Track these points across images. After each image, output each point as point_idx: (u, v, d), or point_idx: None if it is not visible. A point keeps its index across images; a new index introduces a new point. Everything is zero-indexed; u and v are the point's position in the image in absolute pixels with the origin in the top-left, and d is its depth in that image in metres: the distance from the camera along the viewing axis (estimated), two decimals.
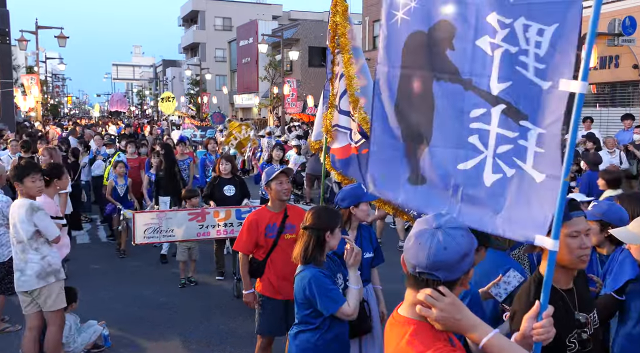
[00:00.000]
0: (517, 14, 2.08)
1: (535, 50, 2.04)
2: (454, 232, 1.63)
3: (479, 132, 2.27)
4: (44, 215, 4.39)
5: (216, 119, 19.79)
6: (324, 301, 2.96)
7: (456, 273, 1.64)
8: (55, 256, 4.49)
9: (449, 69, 2.33)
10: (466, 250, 1.63)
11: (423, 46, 2.43)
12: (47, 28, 25.65)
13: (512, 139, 2.16)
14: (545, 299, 1.92)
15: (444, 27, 2.34)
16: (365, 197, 3.85)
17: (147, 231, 6.26)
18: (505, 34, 2.13)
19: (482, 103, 2.24)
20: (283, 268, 4.15)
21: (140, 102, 78.56)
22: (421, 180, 2.51)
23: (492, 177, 2.23)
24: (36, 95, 23.55)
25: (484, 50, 2.22)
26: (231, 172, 7.28)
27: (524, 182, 2.13)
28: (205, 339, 5.50)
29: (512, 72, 2.13)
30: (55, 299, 4.44)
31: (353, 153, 4.68)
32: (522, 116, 2.12)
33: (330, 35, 4.62)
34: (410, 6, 2.45)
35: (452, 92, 2.34)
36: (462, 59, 2.29)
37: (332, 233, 3.09)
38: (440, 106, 2.39)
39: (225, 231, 6.49)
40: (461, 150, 2.34)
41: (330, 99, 4.71)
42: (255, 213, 4.39)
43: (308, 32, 37.48)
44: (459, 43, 2.29)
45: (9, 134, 14.35)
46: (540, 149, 2.08)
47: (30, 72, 32.59)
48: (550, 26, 1.98)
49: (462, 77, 2.29)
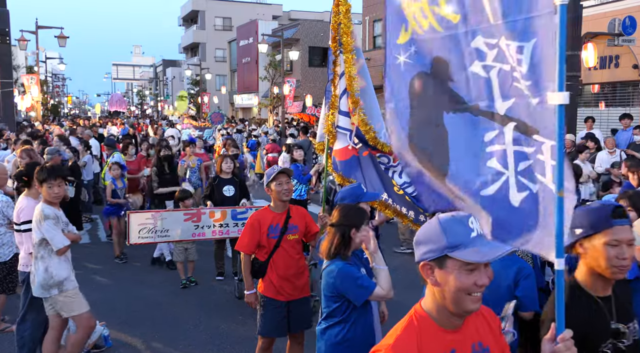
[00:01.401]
0: (499, 33, 2.10)
1: (519, 68, 2.04)
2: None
3: (496, 155, 2.25)
4: (52, 224, 4.23)
5: (215, 119, 19.78)
6: (354, 290, 3.03)
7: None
8: (61, 267, 4.31)
9: (455, 100, 2.36)
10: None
11: (427, 84, 2.48)
12: (47, 28, 25.67)
13: (531, 154, 2.13)
14: (561, 322, 1.82)
15: (440, 62, 2.39)
16: (364, 197, 3.85)
17: (142, 231, 6.22)
18: (495, 54, 2.15)
19: (493, 125, 2.24)
20: (285, 269, 4.15)
21: (141, 102, 78.58)
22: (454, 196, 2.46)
23: (518, 196, 2.17)
24: (35, 95, 23.55)
25: (479, 74, 2.24)
26: (232, 172, 7.23)
27: (548, 195, 2.06)
28: (205, 339, 5.50)
29: (512, 89, 2.13)
30: (65, 308, 4.35)
31: (353, 154, 4.67)
32: (533, 130, 2.09)
33: (332, 35, 4.62)
34: (411, 51, 2.52)
35: (464, 121, 2.35)
36: (464, 88, 2.32)
37: (358, 231, 3.16)
38: (453, 137, 2.39)
39: (221, 232, 6.46)
40: (482, 177, 2.29)
41: (332, 100, 4.71)
42: (258, 213, 4.38)
43: (308, 32, 37.47)
44: (456, 74, 2.33)
45: (10, 134, 14.33)
46: (554, 162, 2.02)
47: (30, 72, 32.61)
48: (529, 42, 1.98)
49: (469, 105, 2.31)
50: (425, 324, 1.70)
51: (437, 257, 1.66)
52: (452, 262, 1.64)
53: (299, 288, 4.23)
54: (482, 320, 1.82)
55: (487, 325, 1.84)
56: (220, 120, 19.76)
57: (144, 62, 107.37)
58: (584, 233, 2.14)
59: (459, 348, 1.70)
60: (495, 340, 1.84)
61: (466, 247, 1.64)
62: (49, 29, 25.79)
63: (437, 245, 1.66)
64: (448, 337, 1.70)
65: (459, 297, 1.64)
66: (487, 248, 1.66)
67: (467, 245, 1.64)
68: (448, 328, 1.71)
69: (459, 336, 1.71)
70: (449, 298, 1.66)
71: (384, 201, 4.57)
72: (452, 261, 1.64)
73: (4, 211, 5.40)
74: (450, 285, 1.65)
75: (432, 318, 1.71)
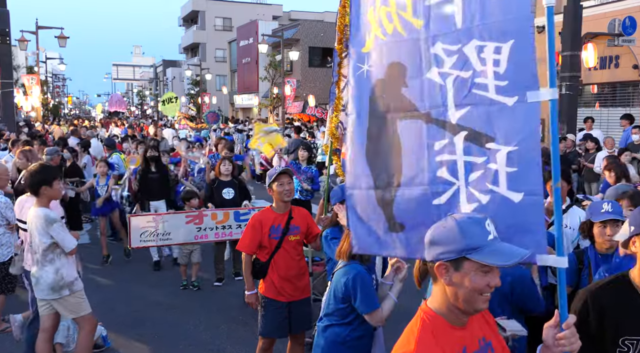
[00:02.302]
0: (467, 37, 2.10)
1: (495, 68, 2.04)
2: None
3: (446, 164, 2.24)
4: (61, 227, 4.27)
5: (211, 118, 19.71)
6: (364, 299, 3.01)
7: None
8: (70, 268, 4.38)
9: (407, 107, 2.34)
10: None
11: (383, 90, 2.46)
12: (47, 28, 25.67)
13: (481, 164, 2.13)
14: (564, 308, 1.88)
15: (396, 68, 2.38)
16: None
17: (144, 234, 6.17)
18: (454, 61, 2.15)
19: (444, 134, 2.23)
20: (286, 270, 4.15)
21: (141, 102, 78.57)
22: (399, 227, 2.43)
23: (468, 208, 2.18)
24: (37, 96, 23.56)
25: (435, 81, 2.22)
26: (231, 174, 7.14)
27: (502, 205, 2.08)
28: (205, 339, 5.49)
29: (469, 97, 2.13)
30: (72, 309, 4.38)
31: None
32: (487, 139, 2.10)
33: (338, 37, 4.60)
34: (373, 57, 2.51)
35: (414, 128, 2.33)
36: (417, 94, 2.30)
37: None
38: (406, 145, 2.38)
39: (224, 234, 6.41)
40: (433, 186, 2.29)
41: (336, 102, 4.70)
42: (260, 213, 4.37)
43: (308, 32, 37.46)
44: (411, 80, 2.32)
45: (10, 135, 14.32)
46: (513, 168, 2.04)
47: (30, 72, 32.62)
48: (507, 43, 2.00)
49: (421, 112, 2.30)
50: (437, 322, 1.73)
51: (454, 258, 1.68)
52: (469, 264, 1.67)
53: (300, 289, 4.23)
54: (480, 317, 1.86)
55: (484, 320, 1.90)
56: (216, 119, 19.69)
57: (144, 63, 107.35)
58: (637, 230, 2.21)
59: (469, 344, 1.75)
60: (495, 334, 1.91)
61: (484, 249, 1.67)
62: (49, 29, 25.79)
63: (455, 246, 1.68)
64: (458, 333, 1.74)
65: (472, 296, 1.69)
66: (505, 251, 1.70)
67: (485, 247, 1.67)
68: (457, 325, 1.75)
69: (466, 333, 1.76)
70: (462, 298, 1.69)
71: None
72: (469, 263, 1.67)
73: (2, 212, 5.40)
74: (465, 285, 1.68)
75: (443, 316, 1.74)
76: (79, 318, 4.43)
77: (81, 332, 4.50)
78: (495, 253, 1.67)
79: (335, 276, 3.18)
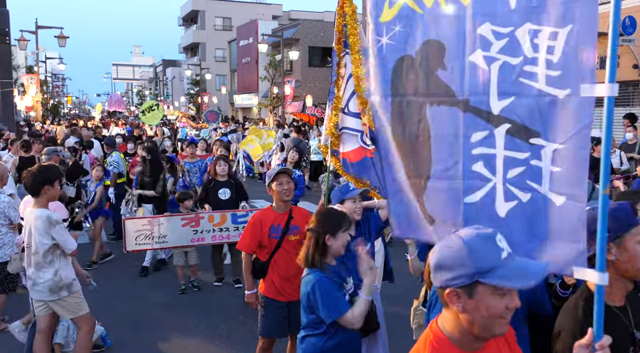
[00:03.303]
0: (520, 20, 1.89)
1: (547, 56, 1.84)
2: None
3: (483, 158, 2.04)
4: (62, 228, 4.27)
5: (210, 117, 19.70)
6: (325, 308, 2.87)
7: None
8: (68, 269, 4.37)
9: (442, 92, 2.13)
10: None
11: (411, 71, 2.22)
12: (47, 28, 25.67)
13: (523, 161, 1.94)
14: (600, 328, 1.69)
15: (432, 46, 2.14)
16: (348, 194, 3.83)
17: (139, 238, 6.05)
18: (503, 44, 1.94)
19: (484, 125, 2.02)
20: (286, 270, 4.14)
21: (141, 102, 78.59)
22: (431, 220, 2.24)
23: (505, 206, 1.99)
24: (34, 95, 23.54)
25: (478, 65, 2.01)
26: (227, 174, 7.01)
27: (543, 206, 1.89)
28: (205, 339, 5.49)
29: (515, 86, 1.93)
30: (71, 310, 4.38)
31: (366, 155, 4.65)
32: (533, 133, 1.90)
33: (337, 37, 4.61)
34: (395, 30, 2.25)
35: (449, 117, 2.12)
36: (456, 78, 2.08)
37: (334, 237, 2.99)
38: (437, 134, 2.17)
39: (221, 236, 6.27)
40: (466, 181, 2.09)
41: (335, 102, 4.69)
42: (260, 213, 4.37)
43: (308, 32, 37.46)
44: (450, 61, 2.09)
45: (10, 134, 14.33)
46: (557, 168, 1.85)
47: (30, 72, 32.61)
48: (564, 28, 1.78)
49: (459, 98, 2.08)
50: (444, 347, 1.56)
51: (466, 284, 1.48)
52: (483, 288, 1.48)
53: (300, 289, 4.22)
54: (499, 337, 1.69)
55: (503, 340, 1.71)
56: (215, 118, 19.67)
57: (144, 62, 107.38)
58: (611, 236, 1.95)
59: None
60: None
61: (498, 270, 1.47)
62: (48, 29, 25.78)
63: (466, 270, 1.48)
64: None
65: (489, 322, 1.50)
66: (522, 269, 1.49)
67: (499, 267, 1.47)
68: (468, 350, 1.57)
69: None
70: (477, 325, 1.51)
71: None
72: (483, 287, 1.48)
73: (5, 212, 5.39)
74: (481, 312, 1.49)
75: (453, 341, 1.57)
76: (77, 319, 4.43)
77: (80, 332, 4.49)
78: (511, 273, 1.47)
79: (300, 286, 3.04)
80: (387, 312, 4.38)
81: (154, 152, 8.23)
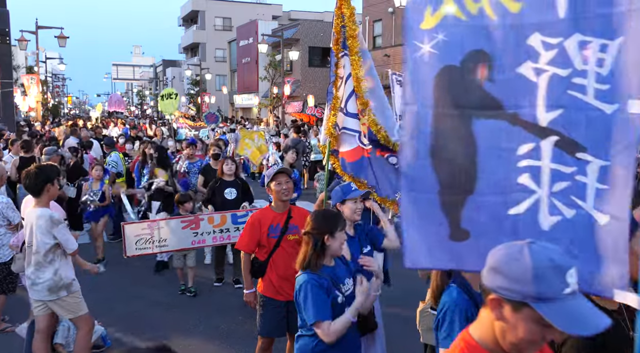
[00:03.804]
0: (570, 30, 1.83)
1: (597, 69, 1.78)
2: None
3: (529, 171, 1.98)
4: (64, 228, 4.28)
5: (210, 119, 19.71)
6: (309, 309, 2.84)
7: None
8: (68, 269, 4.39)
9: (490, 105, 2.03)
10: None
11: (456, 82, 2.11)
12: (47, 28, 25.67)
13: (569, 175, 1.88)
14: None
15: (479, 57, 2.05)
16: (350, 194, 3.83)
17: (139, 242, 6.00)
18: (552, 56, 1.88)
19: (530, 137, 1.96)
20: (285, 269, 4.15)
21: (140, 102, 78.60)
22: (463, 234, 2.14)
23: (549, 220, 1.93)
24: (36, 95, 23.55)
25: (527, 77, 1.94)
26: (234, 174, 7.00)
27: (588, 225, 1.83)
28: (205, 339, 5.50)
29: (564, 98, 1.87)
30: (70, 310, 4.38)
31: (364, 156, 4.67)
32: (579, 148, 1.84)
33: (335, 37, 4.62)
34: (438, 39, 2.12)
35: (497, 131, 2.03)
36: (505, 91, 2.00)
37: (333, 236, 3.00)
38: (483, 148, 2.06)
39: (222, 238, 6.22)
40: (511, 195, 2.02)
41: (334, 102, 4.71)
42: (259, 212, 4.39)
43: (308, 32, 37.47)
44: (499, 74, 2.00)
45: (10, 134, 14.33)
46: (603, 186, 1.79)
47: (30, 72, 32.62)
48: (615, 40, 1.73)
49: (507, 112, 2.00)
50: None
51: (515, 299, 1.40)
52: (530, 312, 1.38)
53: None
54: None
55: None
56: (214, 120, 19.66)
57: (144, 62, 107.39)
58: None
59: None
60: None
61: (555, 304, 1.36)
62: (49, 29, 25.78)
63: (522, 288, 1.38)
64: None
65: (522, 345, 1.43)
66: (582, 315, 1.36)
67: (557, 301, 1.37)
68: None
69: None
70: (509, 340, 1.44)
71: (396, 200, 4.58)
72: (531, 311, 1.38)
73: (3, 212, 5.40)
74: (517, 331, 1.41)
75: (488, 349, 1.50)
76: (76, 319, 4.43)
77: (79, 332, 4.50)
78: (568, 314, 1.35)
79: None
80: (385, 313, 4.39)
81: (161, 151, 8.25)
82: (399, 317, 5.31)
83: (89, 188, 8.03)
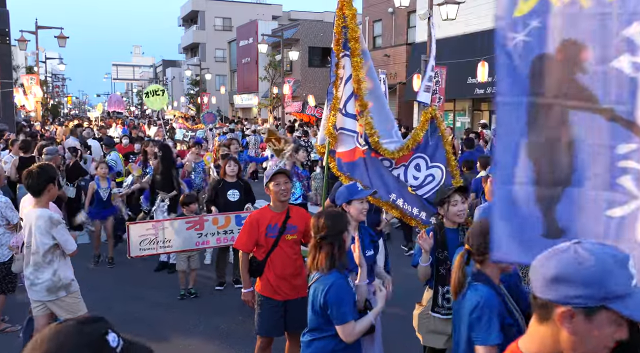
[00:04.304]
0: None
1: None
2: None
3: (631, 172, 1.83)
4: (63, 228, 4.29)
5: (208, 119, 19.75)
6: (338, 310, 2.87)
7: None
8: (67, 269, 4.40)
9: (583, 96, 1.91)
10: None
11: (551, 70, 1.99)
12: (47, 28, 25.65)
13: None
14: None
15: (572, 47, 1.92)
16: (356, 195, 3.84)
17: (143, 243, 6.01)
18: None
19: (631, 137, 1.81)
20: (282, 269, 4.17)
21: (140, 102, 78.61)
22: (559, 232, 2.01)
23: None
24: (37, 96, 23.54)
25: (623, 71, 1.81)
26: (237, 175, 6.96)
27: None
28: (204, 339, 5.51)
29: None
30: (69, 310, 4.39)
31: (360, 156, 4.69)
32: None
33: (336, 38, 4.64)
34: (531, 26, 2.01)
35: (592, 124, 1.90)
36: (599, 84, 1.87)
37: (348, 233, 3.08)
38: (580, 140, 1.95)
39: (226, 239, 6.20)
40: (610, 193, 1.89)
41: (333, 102, 4.72)
42: (258, 212, 4.41)
43: (308, 32, 37.47)
44: (593, 65, 1.87)
45: (10, 135, 14.34)
46: None
47: (30, 72, 32.60)
48: None
49: (602, 106, 1.87)
50: None
51: (590, 306, 1.31)
52: (607, 314, 1.31)
53: (296, 288, 4.24)
54: None
55: None
56: (212, 120, 19.70)
57: (143, 62, 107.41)
58: None
59: None
60: None
61: (629, 299, 1.30)
62: (48, 29, 25.77)
63: (595, 291, 1.30)
64: None
65: (596, 351, 1.36)
66: None
67: (630, 295, 1.31)
68: None
69: None
70: (583, 350, 1.36)
71: (391, 202, 4.60)
72: (607, 313, 1.31)
73: (2, 212, 5.41)
74: (592, 338, 1.33)
75: None
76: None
77: None
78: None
79: (311, 289, 3.03)
80: (384, 313, 4.37)
81: (166, 150, 8.20)
82: (397, 316, 5.33)
83: (96, 186, 8.06)
